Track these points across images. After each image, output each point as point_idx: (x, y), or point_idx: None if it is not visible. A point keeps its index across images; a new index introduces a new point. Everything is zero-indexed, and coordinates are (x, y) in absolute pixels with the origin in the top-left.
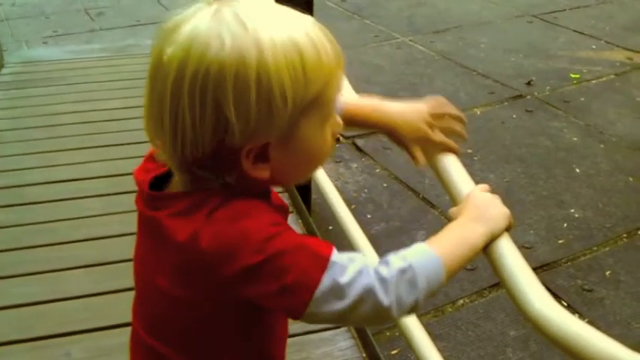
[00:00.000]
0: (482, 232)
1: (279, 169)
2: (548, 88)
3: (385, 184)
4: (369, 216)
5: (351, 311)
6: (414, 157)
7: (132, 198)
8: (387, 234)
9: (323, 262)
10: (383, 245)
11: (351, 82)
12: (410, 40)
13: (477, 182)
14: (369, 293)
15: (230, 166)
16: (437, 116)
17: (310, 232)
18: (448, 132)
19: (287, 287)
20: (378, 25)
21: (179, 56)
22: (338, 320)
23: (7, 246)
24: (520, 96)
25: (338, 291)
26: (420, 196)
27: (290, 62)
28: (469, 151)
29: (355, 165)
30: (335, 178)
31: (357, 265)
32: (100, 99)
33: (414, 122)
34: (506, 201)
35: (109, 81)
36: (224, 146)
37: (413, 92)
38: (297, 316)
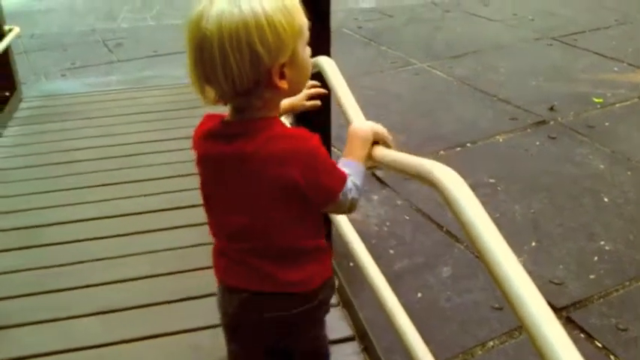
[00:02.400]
0: (363, 154)
1: (291, 82)
2: (571, 113)
3: (407, 217)
4: (391, 251)
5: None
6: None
7: (151, 237)
8: (411, 270)
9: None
10: (407, 283)
11: (368, 110)
12: (428, 66)
13: (501, 214)
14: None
15: (265, 85)
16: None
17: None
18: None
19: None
20: (395, 52)
21: (216, 28)
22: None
23: (20, 291)
24: (543, 122)
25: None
26: (444, 229)
27: (280, 8)
28: (492, 180)
29: (376, 197)
30: (355, 211)
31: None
32: (119, 133)
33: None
34: (534, 234)
35: (127, 114)
36: (259, 71)
37: (432, 119)
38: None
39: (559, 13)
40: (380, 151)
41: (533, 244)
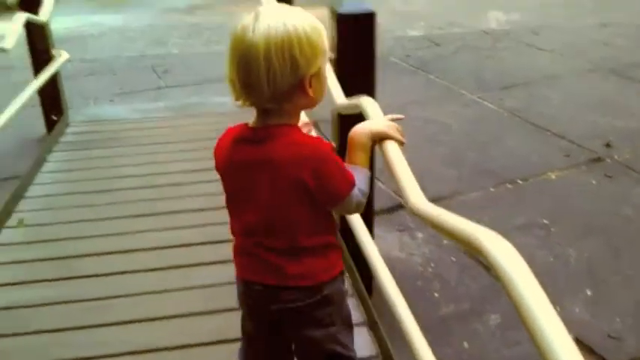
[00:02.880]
0: (364, 158)
1: (315, 91)
2: (628, 150)
3: (454, 258)
4: (436, 295)
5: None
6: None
7: (192, 272)
8: (457, 317)
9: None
10: (453, 332)
11: (417, 141)
12: (478, 97)
13: (555, 257)
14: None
15: (298, 91)
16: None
17: (370, 319)
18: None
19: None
20: (443, 81)
21: (264, 39)
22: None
23: (52, 326)
24: (598, 159)
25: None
26: (492, 272)
27: (314, 29)
28: (545, 221)
29: (421, 235)
30: (399, 249)
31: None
32: (162, 161)
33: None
34: (590, 281)
35: (173, 142)
36: (297, 77)
37: (482, 153)
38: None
39: (614, 43)
40: (427, 209)
41: (589, 292)
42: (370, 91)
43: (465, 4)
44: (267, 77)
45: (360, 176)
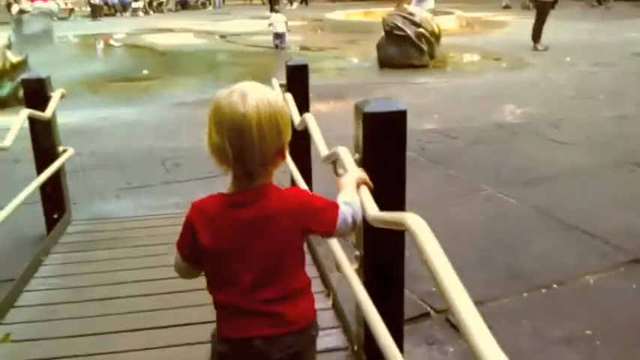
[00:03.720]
0: (354, 192)
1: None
2: None
3: None
4: None
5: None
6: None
7: None
8: None
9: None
10: None
11: (441, 241)
12: (500, 193)
13: None
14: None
15: (279, 156)
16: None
17: None
18: None
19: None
20: (462, 175)
21: (255, 113)
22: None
23: None
24: (636, 260)
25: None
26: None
27: (285, 105)
28: (588, 332)
29: (452, 349)
30: None
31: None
32: (164, 265)
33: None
34: None
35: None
36: (280, 144)
37: (511, 254)
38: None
39: (634, 135)
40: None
41: None
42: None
43: (478, 97)
44: (260, 144)
45: (354, 202)
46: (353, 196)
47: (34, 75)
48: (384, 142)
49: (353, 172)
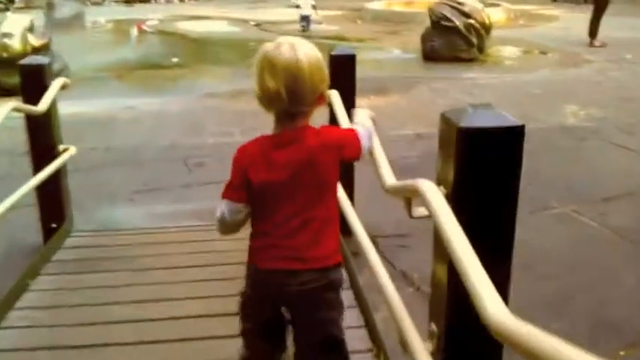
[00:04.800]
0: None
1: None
2: None
3: None
4: None
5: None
6: None
7: None
8: None
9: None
10: None
11: None
12: (573, 211)
13: None
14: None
15: (320, 99)
16: None
17: None
18: None
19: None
20: (527, 188)
21: (307, 62)
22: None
23: None
24: None
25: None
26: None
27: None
28: None
29: None
30: None
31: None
32: (173, 298)
33: None
34: None
35: (191, 267)
36: (322, 89)
37: (595, 294)
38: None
39: None
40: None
41: None
42: None
43: (536, 96)
44: (311, 86)
45: (368, 129)
46: (366, 122)
47: (33, 60)
48: (491, 172)
49: (364, 112)
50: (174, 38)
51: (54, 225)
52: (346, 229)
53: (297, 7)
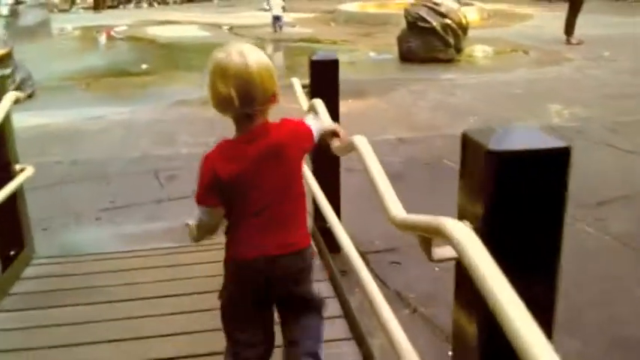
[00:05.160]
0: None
1: None
2: None
3: None
4: None
5: None
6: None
7: None
8: None
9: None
10: None
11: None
12: (568, 217)
13: None
14: None
15: (274, 99)
16: None
17: None
18: None
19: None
20: None
21: (257, 67)
22: None
23: None
24: None
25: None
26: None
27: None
28: None
29: None
30: None
31: None
32: (150, 336)
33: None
34: None
35: (163, 296)
36: (274, 90)
37: (605, 308)
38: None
39: None
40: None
41: None
42: None
43: (517, 95)
44: (262, 89)
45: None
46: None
47: None
48: (532, 204)
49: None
50: (143, 44)
51: (12, 252)
52: (333, 245)
53: (268, 9)
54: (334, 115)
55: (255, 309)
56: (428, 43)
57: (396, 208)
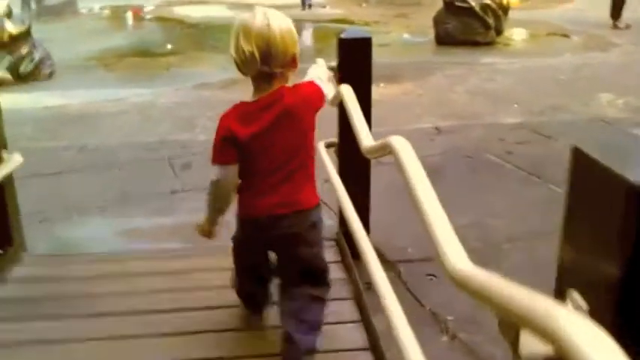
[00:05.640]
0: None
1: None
2: None
3: None
4: None
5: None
6: None
7: None
8: None
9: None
10: None
11: None
12: None
13: None
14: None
15: (293, 62)
16: None
17: None
18: None
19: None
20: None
21: (279, 30)
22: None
23: None
24: None
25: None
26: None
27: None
28: None
29: None
30: None
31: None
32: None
33: None
34: None
35: (160, 311)
36: (294, 53)
37: None
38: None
39: None
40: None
41: None
42: None
43: (563, 82)
44: (283, 48)
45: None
46: (321, 75)
47: None
48: None
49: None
50: (170, 24)
51: (0, 251)
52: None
53: None
54: (365, 102)
55: (262, 251)
56: (466, 25)
57: (459, 258)
